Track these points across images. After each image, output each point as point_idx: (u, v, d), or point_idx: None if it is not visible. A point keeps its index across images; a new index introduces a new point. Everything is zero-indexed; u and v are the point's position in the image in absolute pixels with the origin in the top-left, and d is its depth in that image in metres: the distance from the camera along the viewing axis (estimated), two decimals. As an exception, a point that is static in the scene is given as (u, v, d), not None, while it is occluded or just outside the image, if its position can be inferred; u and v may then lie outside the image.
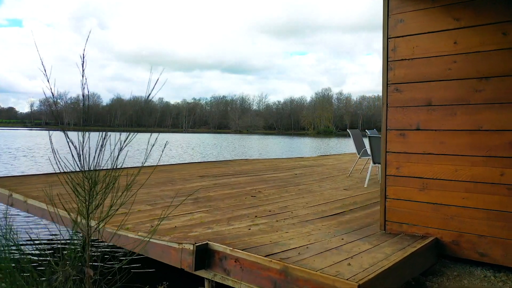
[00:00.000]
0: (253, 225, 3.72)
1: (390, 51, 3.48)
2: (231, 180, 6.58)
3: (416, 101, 3.34)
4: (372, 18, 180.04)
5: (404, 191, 3.40)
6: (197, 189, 5.57)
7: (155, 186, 5.67)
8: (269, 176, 7.21)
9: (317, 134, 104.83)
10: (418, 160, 3.33)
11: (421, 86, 3.31)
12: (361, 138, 8.02)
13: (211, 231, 3.46)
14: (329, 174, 7.89)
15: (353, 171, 8.11)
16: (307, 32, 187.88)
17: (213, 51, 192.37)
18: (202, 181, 6.30)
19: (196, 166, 8.42)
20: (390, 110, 3.49)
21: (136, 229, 3.47)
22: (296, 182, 6.67)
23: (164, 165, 8.41)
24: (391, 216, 3.48)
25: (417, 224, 3.34)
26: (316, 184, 6.59)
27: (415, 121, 3.35)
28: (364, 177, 7.58)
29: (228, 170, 7.82)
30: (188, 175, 6.86)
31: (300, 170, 8.33)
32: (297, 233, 3.48)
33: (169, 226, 3.61)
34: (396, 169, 3.46)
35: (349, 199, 5.38)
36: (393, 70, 3.47)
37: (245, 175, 7.22)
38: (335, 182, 6.87)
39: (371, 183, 6.77)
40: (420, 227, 3.32)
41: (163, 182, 6.05)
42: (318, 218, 4.14)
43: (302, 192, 5.73)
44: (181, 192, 5.29)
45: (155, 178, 6.39)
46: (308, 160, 10.70)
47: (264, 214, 4.22)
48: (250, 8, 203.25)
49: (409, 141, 3.38)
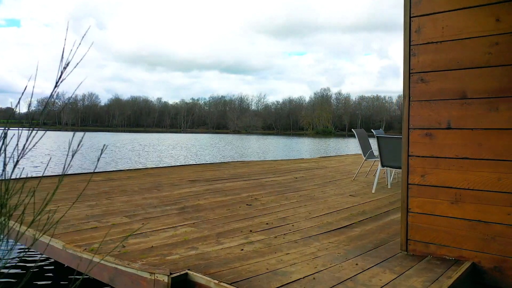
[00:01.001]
0: (247, 244, 3.09)
1: (413, 32, 2.86)
2: (225, 185, 5.95)
3: (446, 93, 2.72)
4: (371, 18, 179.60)
5: (432, 204, 2.78)
6: (185, 196, 4.93)
7: (138, 193, 5.03)
8: (267, 181, 6.58)
9: (316, 134, 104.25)
10: (449, 166, 2.70)
11: (453, 75, 2.69)
12: (367, 139, 7.39)
13: (194, 252, 2.82)
14: (332, 178, 7.26)
15: (358, 174, 7.48)
16: (305, 32, 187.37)
17: (212, 51, 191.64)
18: (193, 187, 5.66)
19: (187, 169, 7.76)
20: (413, 105, 2.86)
21: (104, 250, 2.84)
22: (296, 187, 6.04)
23: (152, 168, 7.76)
24: (415, 234, 2.85)
25: (448, 245, 2.71)
26: (319, 189, 5.97)
27: (445, 118, 2.72)
28: (371, 181, 6.96)
29: (223, 174, 7.19)
30: (178, 180, 6.22)
31: (301, 173, 7.70)
32: (300, 255, 2.85)
33: (145, 245, 2.98)
34: (421, 176, 2.83)
35: (357, 207, 4.76)
36: (417, 56, 2.84)
37: (241, 179, 6.59)
38: (340, 187, 6.25)
39: (379, 188, 6.15)
40: (452, 249, 2.69)
41: (148, 188, 5.40)
42: (323, 233, 3.51)
43: (303, 199, 5.10)
44: (167, 200, 4.66)
45: (140, 183, 5.75)
46: (309, 162, 10.06)
47: (261, 228, 3.60)
48: (249, 8, 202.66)
49: (438, 142, 2.75)
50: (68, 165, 1.39)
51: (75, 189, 5.15)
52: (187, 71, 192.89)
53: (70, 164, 1.43)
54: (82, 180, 5.98)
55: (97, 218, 3.75)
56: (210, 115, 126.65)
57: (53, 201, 4.37)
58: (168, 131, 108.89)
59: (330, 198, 5.33)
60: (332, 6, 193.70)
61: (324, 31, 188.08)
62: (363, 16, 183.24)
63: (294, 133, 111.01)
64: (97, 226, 3.48)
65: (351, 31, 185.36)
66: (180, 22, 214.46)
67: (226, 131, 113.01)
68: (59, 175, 6.20)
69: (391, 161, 5.98)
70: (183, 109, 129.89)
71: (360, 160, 10.83)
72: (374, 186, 6.00)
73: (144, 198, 4.71)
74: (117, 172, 6.80)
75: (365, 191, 5.99)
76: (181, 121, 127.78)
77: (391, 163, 5.99)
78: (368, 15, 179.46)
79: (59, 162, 17.64)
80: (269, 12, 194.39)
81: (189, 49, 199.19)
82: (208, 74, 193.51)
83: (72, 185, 5.39)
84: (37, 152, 22.45)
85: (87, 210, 4.05)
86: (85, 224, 3.51)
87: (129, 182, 5.74)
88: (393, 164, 5.99)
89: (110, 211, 4.05)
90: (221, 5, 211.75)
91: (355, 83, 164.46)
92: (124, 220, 3.71)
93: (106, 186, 5.46)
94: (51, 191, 1.72)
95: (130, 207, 4.27)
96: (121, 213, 3.97)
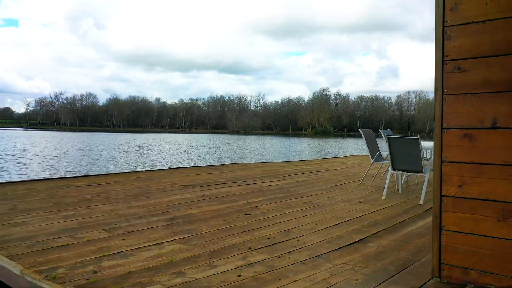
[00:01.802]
0: (245, 266, 2.57)
1: (448, 11, 2.34)
2: (221, 191, 5.42)
3: (491, 84, 2.20)
4: (370, 18, 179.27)
5: (472, 221, 2.26)
6: (176, 205, 4.40)
7: (123, 201, 4.50)
8: (267, 185, 6.06)
9: (315, 134, 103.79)
10: (494, 174, 2.18)
11: (501, 62, 2.17)
12: (374, 139, 6.88)
13: (180, 280, 2.30)
14: (337, 182, 6.75)
15: (365, 177, 6.96)
16: (304, 32, 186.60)
17: (211, 51, 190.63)
18: (185, 193, 5.13)
19: (181, 172, 7.20)
20: (448, 100, 2.35)
21: (69, 277, 2.31)
22: (299, 193, 5.52)
23: (142, 172, 7.17)
24: (451, 257, 2.33)
25: (493, 271, 2.19)
26: (324, 195, 5.45)
27: (489, 115, 2.21)
28: (379, 186, 6.44)
29: (219, 177, 6.66)
30: (169, 185, 5.68)
31: (303, 177, 7.18)
32: (310, 283, 2.33)
33: (121, 269, 2.45)
34: (458, 187, 2.31)
35: (368, 216, 4.25)
36: (453, 39, 2.32)
37: (239, 184, 6.07)
38: (346, 193, 5.73)
39: (389, 193, 5.64)
40: (499, 277, 2.18)
41: (135, 195, 4.87)
42: (334, 250, 3.00)
43: (308, 207, 4.58)
44: (155, 209, 4.14)
45: (127, 189, 5.21)
46: (311, 164, 9.54)
47: (261, 244, 3.08)
48: (248, 8, 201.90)
49: (480, 145, 2.24)
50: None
51: (53, 196, 4.62)
52: (186, 71, 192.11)
53: (54, 167, 0.92)
54: (64, 185, 5.43)
55: (71, 232, 3.22)
56: (209, 115, 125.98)
57: (24, 211, 3.84)
58: (166, 131, 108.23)
59: (337, 205, 4.81)
60: (331, 6, 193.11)
61: (323, 31, 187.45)
62: (362, 16, 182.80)
63: (293, 133, 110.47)
64: (68, 243, 2.95)
65: (350, 31, 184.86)
66: (178, 22, 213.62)
67: (225, 131, 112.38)
68: (34, 181, 5.66)
69: (403, 165, 5.47)
70: (181, 109, 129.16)
71: (364, 162, 10.32)
72: (385, 191, 5.49)
73: (129, 207, 4.18)
74: (102, 176, 6.24)
75: (374, 197, 5.48)
76: (179, 121, 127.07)
77: (403, 166, 5.48)
78: (367, 15, 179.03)
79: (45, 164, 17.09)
80: (268, 12, 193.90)
81: (188, 49, 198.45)
82: (207, 74, 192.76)
83: (50, 192, 4.86)
84: (25, 153, 21.88)
85: (61, 222, 3.52)
86: (55, 241, 2.98)
87: (114, 188, 5.21)
88: (405, 167, 5.47)
89: (88, 223, 3.52)
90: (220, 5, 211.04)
91: (354, 83, 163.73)
92: (102, 235, 3.18)
93: (88, 192, 4.92)
94: (26, 199, 1.23)
95: (112, 218, 3.74)
96: (99, 225, 3.44)
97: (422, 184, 5.49)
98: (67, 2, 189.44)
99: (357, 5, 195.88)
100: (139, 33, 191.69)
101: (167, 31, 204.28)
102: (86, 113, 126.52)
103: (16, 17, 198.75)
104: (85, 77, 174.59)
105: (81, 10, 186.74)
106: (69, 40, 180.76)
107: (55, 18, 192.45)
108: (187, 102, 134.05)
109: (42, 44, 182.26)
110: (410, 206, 4.93)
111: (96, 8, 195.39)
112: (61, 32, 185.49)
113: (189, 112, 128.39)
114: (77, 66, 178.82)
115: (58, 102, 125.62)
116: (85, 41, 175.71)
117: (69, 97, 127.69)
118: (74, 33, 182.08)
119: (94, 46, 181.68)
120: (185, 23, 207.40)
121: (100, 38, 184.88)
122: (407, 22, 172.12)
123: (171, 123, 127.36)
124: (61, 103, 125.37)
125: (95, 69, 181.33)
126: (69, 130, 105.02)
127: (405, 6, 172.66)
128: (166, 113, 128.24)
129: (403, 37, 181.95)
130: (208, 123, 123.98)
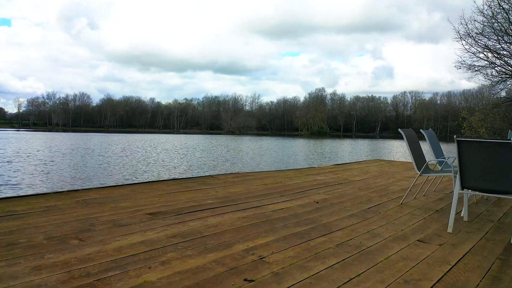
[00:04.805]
0: None
1: None
2: (207, 223, 3.57)
3: None
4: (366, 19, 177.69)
5: None
6: (122, 260, 2.54)
7: (34, 254, 2.58)
8: (275, 210, 4.21)
9: (311, 135, 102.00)
10: None
11: None
12: (418, 143, 5.07)
13: None
14: (368, 201, 4.92)
15: (407, 195, 5.14)
16: (300, 33, 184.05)
17: (206, 52, 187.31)
18: (149, 230, 3.26)
19: (154, 188, 5.12)
20: None
21: None
22: (323, 224, 3.69)
23: (97, 190, 4.75)
24: None
25: None
26: (362, 228, 3.63)
27: None
28: (426, 206, 4.63)
29: (206, 197, 4.78)
30: (129, 212, 3.78)
31: (321, 193, 5.34)
32: None
33: None
34: None
35: (449, 277, 2.45)
36: None
37: (235, 209, 4.22)
38: (390, 221, 3.92)
39: (457, 223, 3.82)
40: None
41: (63, 237, 2.95)
42: None
43: (347, 256, 2.77)
44: (81, 274, 2.27)
45: (58, 223, 3.23)
46: (324, 173, 7.67)
47: None
48: (243, 8, 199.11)
49: None
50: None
51: None
52: (181, 71, 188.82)
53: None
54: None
55: None
56: (204, 116, 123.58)
57: None
58: (161, 132, 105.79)
59: (390, 250, 3.01)
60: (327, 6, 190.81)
61: (318, 32, 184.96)
62: (359, 17, 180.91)
63: (288, 133, 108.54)
64: None
65: (345, 31, 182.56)
66: (173, 22, 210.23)
67: (220, 131, 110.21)
68: None
69: (481, 181, 3.65)
70: (176, 109, 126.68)
71: (386, 169, 8.47)
72: (451, 222, 3.68)
73: (36, 270, 2.30)
74: (29, 199, 4.06)
75: (434, 230, 3.68)
76: (174, 121, 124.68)
77: (481, 184, 3.66)
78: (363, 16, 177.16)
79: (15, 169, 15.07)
80: (264, 12, 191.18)
81: (183, 49, 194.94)
82: (202, 74, 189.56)
83: None
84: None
85: None
86: None
87: (38, 221, 3.30)
88: (484, 185, 3.66)
89: None
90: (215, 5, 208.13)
91: (349, 84, 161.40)
92: None
93: None
94: None
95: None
96: None
97: (495, 205, 3.68)
98: (60, 2, 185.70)
99: (354, 5, 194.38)
100: (133, 33, 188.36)
101: (162, 31, 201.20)
102: (79, 113, 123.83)
103: (8, 16, 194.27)
104: (79, 77, 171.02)
105: (74, 10, 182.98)
106: (62, 40, 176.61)
107: (48, 17, 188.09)
108: (182, 102, 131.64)
109: (35, 44, 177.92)
110: (499, 248, 3.15)
111: (89, 7, 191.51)
112: (54, 31, 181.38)
113: (183, 113, 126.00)
114: (71, 66, 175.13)
115: (51, 102, 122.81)
116: (79, 41, 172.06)
117: (62, 97, 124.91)
118: (67, 33, 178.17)
119: (88, 46, 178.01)
120: (180, 23, 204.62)
121: (94, 37, 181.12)
122: (403, 23, 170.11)
123: (166, 123, 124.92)
124: (54, 103, 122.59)
125: (90, 69, 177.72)
126: (62, 130, 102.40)
127: (401, 6, 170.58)
128: (160, 113, 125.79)
129: (399, 37, 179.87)
130: (203, 124, 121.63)
